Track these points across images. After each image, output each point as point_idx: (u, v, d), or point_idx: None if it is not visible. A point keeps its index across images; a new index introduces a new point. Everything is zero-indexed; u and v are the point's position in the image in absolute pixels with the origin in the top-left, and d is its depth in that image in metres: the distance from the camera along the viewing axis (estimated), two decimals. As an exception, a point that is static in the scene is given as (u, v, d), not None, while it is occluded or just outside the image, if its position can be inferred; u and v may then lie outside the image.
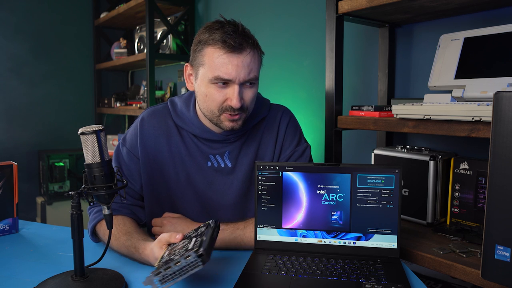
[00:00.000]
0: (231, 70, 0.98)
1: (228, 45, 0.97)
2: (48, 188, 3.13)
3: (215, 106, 1.03)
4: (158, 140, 1.13)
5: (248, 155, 1.15)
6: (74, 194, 0.82)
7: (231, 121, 1.04)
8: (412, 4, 1.25)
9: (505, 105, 0.73)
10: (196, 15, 2.80)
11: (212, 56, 0.99)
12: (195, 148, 1.14)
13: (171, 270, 0.74)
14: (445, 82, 1.24)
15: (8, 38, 3.09)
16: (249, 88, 1.03)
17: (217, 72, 0.99)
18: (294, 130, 1.20)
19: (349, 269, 0.92)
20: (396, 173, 0.98)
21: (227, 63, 0.98)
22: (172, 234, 0.88)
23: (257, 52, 1.03)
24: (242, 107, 1.03)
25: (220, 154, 1.14)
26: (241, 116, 1.05)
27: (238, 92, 1.00)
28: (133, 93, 3.32)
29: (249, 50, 1.00)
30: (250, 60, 1.00)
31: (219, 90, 1.01)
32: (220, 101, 1.02)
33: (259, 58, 1.05)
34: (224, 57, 0.98)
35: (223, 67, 0.98)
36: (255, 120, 1.16)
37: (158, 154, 1.13)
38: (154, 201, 1.15)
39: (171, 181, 1.14)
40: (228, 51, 0.98)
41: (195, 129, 1.13)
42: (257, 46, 1.04)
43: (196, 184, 1.14)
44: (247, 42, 1.00)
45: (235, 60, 0.98)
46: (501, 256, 0.75)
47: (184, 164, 1.14)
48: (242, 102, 1.02)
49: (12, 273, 0.93)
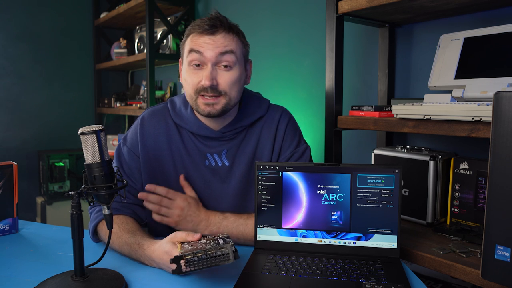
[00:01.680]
0: (202, 46, 1.04)
1: (201, 27, 1.05)
2: (48, 188, 3.13)
3: (191, 89, 1.06)
4: (158, 139, 1.15)
5: (246, 154, 1.16)
6: (74, 194, 0.82)
7: (206, 104, 1.06)
8: (412, 4, 1.25)
9: (505, 105, 0.73)
10: (196, 15, 2.80)
11: (189, 40, 1.07)
12: (193, 146, 1.15)
13: (201, 257, 0.79)
14: (445, 82, 1.24)
15: (8, 38, 3.09)
16: (224, 71, 1.05)
17: (190, 47, 1.05)
18: (294, 131, 1.20)
19: (349, 269, 0.92)
20: (396, 173, 0.98)
21: (199, 42, 1.05)
22: (190, 233, 0.90)
23: (233, 35, 1.07)
24: (215, 89, 1.04)
25: (217, 153, 1.15)
26: (218, 100, 1.06)
27: (210, 71, 1.03)
28: (133, 93, 3.32)
29: (222, 31, 1.05)
30: (223, 40, 1.05)
31: (195, 72, 1.06)
32: (195, 83, 1.05)
33: (237, 42, 1.08)
34: (198, 38, 1.05)
35: (195, 45, 1.05)
36: (252, 118, 1.17)
37: (158, 153, 1.14)
38: None
39: (171, 180, 1.15)
40: (201, 32, 1.05)
41: (193, 126, 1.14)
42: (232, 30, 1.07)
43: (194, 183, 1.15)
44: (220, 25, 1.05)
45: (207, 40, 1.04)
46: (501, 256, 0.75)
47: (183, 163, 1.14)
48: (215, 82, 1.04)
49: (12, 273, 0.93)
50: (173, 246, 0.89)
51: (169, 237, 0.91)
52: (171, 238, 0.91)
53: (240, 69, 1.08)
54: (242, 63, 1.10)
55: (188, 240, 0.89)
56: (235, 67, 1.07)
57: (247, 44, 1.13)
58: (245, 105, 1.18)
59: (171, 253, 0.87)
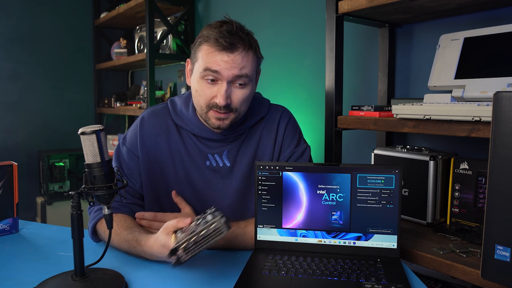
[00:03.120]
0: (220, 65, 1.01)
1: (219, 44, 1.00)
2: (48, 188, 3.13)
3: (203, 102, 1.05)
4: (157, 140, 1.14)
5: (247, 154, 1.16)
6: (74, 194, 0.82)
7: (217, 119, 1.06)
8: (412, 4, 1.25)
9: (505, 105, 0.73)
10: (196, 15, 2.80)
11: (205, 52, 1.03)
12: (194, 147, 1.14)
13: (196, 240, 0.79)
14: (445, 82, 1.24)
15: (8, 38, 3.09)
16: (238, 89, 1.05)
17: (206, 65, 1.02)
18: (294, 131, 1.20)
19: (349, 269, 0.92)
20: (396, 173, 0.98)
21: (217, 60, 1.01)
22: (180, 219, 0.87)
23: (251, 54, 1.05)
24: (229, 107, 1.04)
25: (218, 154, 1.15)
26: (228, 116, 1.06)
27: (225, 90, 1.02)
28: (133, 93, 3.32)
29: (242, 50, 1.02)
30: (241, 60, 1.02)
31: (208, 86, 1.04)
32: (208, 98, 1.04)
33: (253, 60, 1.06)
34: (215, 54, 1.01)
35: (212, 62, 1.01)
36: (254, 120, 1.17)
37: (158, 153, 1.14)
38: (153, 200, 1.16)
39: (170, 180, 1.14)
40: (220, 49, 1.01)
41: (194, 128, 1.14)
42: (252, 48, 1.05)
43: (195, 183, 1.14)
44: (240, 42, 1.02)
45: (225, 57, 1.01)
46: (501, 256, 0.75)
47: (183, 163, 1.14)
48: (229, 101, 1.03)
49: (12, 273, 0.93)
50: (168, 237, 0.87)
51: (162, 229, 0.89)
52: (164, 230, 0.89)
53: (252, 85, 1.09)
54: (254, 78, 1.10)
55: (180, 227, 0.87)
56: (249, 84, 1.06)
57: (262, 57, 1.11)
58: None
59: (167, 245, 0.85)
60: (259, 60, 1.10)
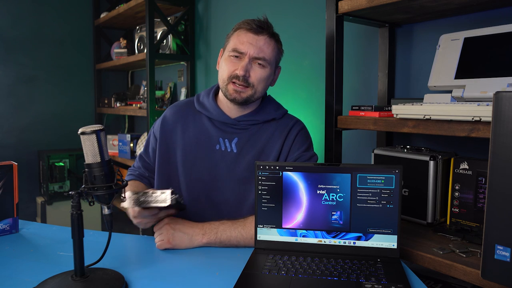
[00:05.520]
0: (245, 44, 1.18)
1: (249, 26, 1.19)
2: (48, 188, 3.13)
3: (226, 74, 1.19)
4: (176, 125, 1.28)
5: (255, 147, 1.22)
6: (74, 194, 0.82)
7: (235, 91, 1.18)
8: (412, 4, 1.25)
9: (505, 105, 0.73)
10: (196, 15, 2.80)
11: (235, 36, 1.21)
12: (207, 131, 1.25)
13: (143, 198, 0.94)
14: (445, 82, 1.24)
15: (8, 38, 3.09)
16: (257, 67, 1.19)
17: (234, 45, 1.19)
18: (304, 139, 1.26)
19: (349, 269, 0.92)
20: (396, 173, 0.98)
21: (243, 39, 1.18)
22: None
23: (273, 42, 1.22)
24: (247, 80, 1.18)
25: (229, 139, 1.23)
26: (245, 90, 1.18)
27: (246, 63, 1.17)
28: (133, 93, 3.32)
29: (266, 35, 1.19)
30: (264, 43, 1.19)
31: (233, 61, 1.19)
32: (231, 70, 1.19)
33: (274, 48, 1.22)
34: (243, 35, 1.19)
35: (239, 43, 1.18)
36: (267, 117, 1.25)
37: (173, 136, 1.27)
38: (163, 178, 1.27)
39: (178, 161, 1.25)
40: (248, 30, 1.19)
41: (212, 112, 1.26)
42: (274, 37, 1.22)
43: (202, 165, 1.22)
44: (266, 29, 1.19)
45: (251, 38, 1.18)
46: (501, 256, 0.75)
47: (194, 145, 1.24)
48: (248, 74, 1.17)
49: (12, 273, 0.93)
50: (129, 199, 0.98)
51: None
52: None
53: (270, 70, 1.22)
54: (273, 66, 1.24)
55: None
56: (267, 67, 1.20)
57: (282, 52, 1.28)
58: (265, 104, 1.29)
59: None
60: (279, 52, 1.26)
